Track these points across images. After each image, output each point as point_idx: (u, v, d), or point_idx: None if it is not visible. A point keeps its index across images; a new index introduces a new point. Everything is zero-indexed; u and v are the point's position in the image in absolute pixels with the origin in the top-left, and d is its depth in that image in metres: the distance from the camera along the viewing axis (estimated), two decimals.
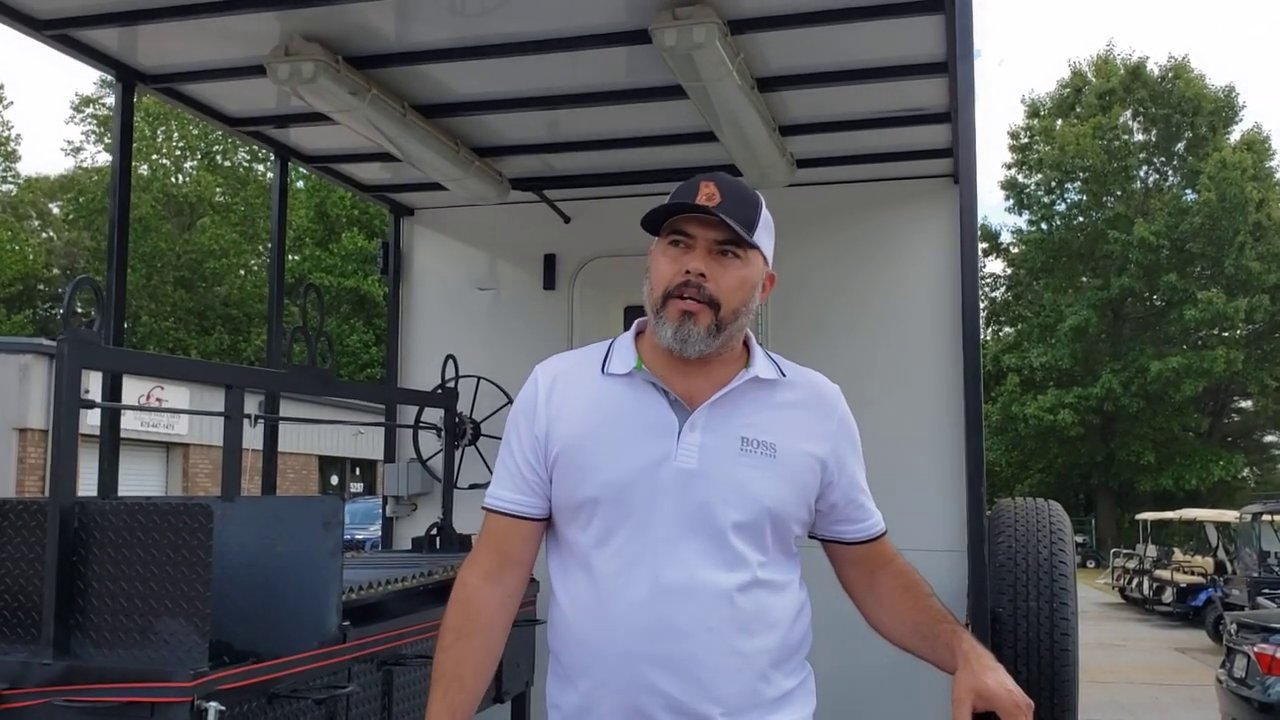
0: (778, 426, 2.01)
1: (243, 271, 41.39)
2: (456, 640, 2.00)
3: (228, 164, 41.96)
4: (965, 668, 1.87)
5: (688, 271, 1.94)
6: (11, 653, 2.55)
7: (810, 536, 2.13)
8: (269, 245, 5.83)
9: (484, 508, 2.10)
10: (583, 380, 2.05)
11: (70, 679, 2.44)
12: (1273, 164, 39.72)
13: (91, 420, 3.77)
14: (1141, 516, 28.44)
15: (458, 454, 5.22)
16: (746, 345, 2.08)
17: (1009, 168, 43.50)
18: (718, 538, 1.93)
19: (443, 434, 5.08)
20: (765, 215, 2.02)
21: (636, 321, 2.10)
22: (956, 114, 3.76)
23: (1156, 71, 41.06)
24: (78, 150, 51.28)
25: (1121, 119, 40.72)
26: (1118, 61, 41.98)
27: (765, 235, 2.02)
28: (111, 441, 4.09)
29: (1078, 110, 42.03)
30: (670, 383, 2.00)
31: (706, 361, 1.99)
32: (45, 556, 2.54)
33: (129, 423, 19.91)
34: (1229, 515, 22.60)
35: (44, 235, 44.09)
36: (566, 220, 5.72)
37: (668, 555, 1.92)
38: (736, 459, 1.96)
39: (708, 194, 1.94)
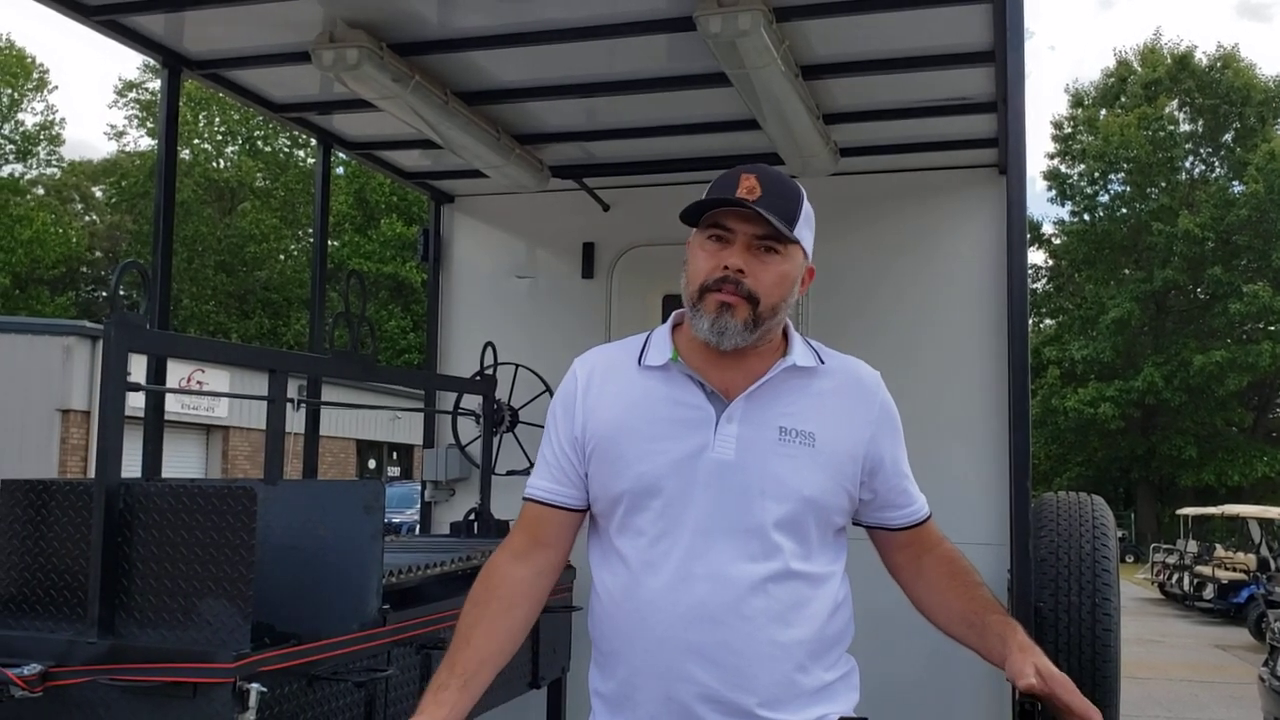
0: (817, 415, 1.99)
1: (282, 256, 41.74)
2: (472, 608, 2.03)
3: (268, 149, 42.28)
4: (1022, 652, 1.88)
5: (725, 267, 1.93)
6: (58, 631, 2.58)
7: (855, 524, 2.12)
8: (309, 230, 5.87)
9: (524, 498, 2.12)
10: (620, 373, 2.05)
11: (114, 658, 2.47)
12: None
13: (134, 402, 3.79)
14: (1182, 511, 28.04)
15: (496, 440, 5.24)
16: (785, 334, 2.06)
17: (1052, 158, 43.11)
18: (757, 530, 1.92)
19: (481, 420, 5.10)
20: (806, 208, 2.00)
21: (674, 314, 2.09)
22: (1005, 104, 3.71)
23: (1204, 61, 40.42)
24: (120, 134, 52.07)
25: (1167, 109, 40.12)
26: (1165, 51, 41.36)
27: (806, 229, 1.99)
28: (156, 424, 4.13)
29: (1123, 100, 41.46)
30: (707, 374, 1.99)
31: (743, 353, 1.97)
32: (91, 537, 2.57)
33: (169, 404, 20.12)
34: (1273, 512, 22.27)
35: (87, 219, 44.69)
36: (606, 208, 5.70)
37: (704, 546, 1.92)
38: (775, 449, 1.95)
39: (748, 187, 1.92)
